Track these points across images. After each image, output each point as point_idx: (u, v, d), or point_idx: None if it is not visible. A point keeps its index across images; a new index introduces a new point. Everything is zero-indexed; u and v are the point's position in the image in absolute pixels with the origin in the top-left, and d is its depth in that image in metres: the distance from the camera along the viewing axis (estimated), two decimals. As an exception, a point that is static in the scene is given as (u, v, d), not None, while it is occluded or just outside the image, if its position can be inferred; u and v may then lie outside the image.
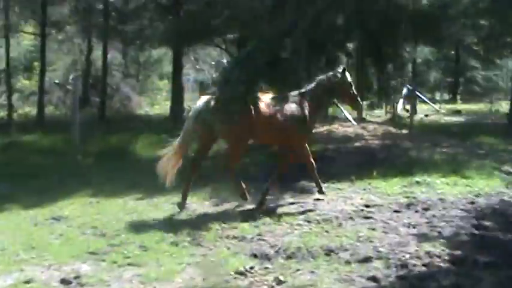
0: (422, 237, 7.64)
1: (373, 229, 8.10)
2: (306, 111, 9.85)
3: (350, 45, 20.91)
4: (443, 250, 7.05)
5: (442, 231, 7.97)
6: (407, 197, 10.17)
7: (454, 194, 10.43)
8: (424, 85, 40.28)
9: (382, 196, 10.30)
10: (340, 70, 10.23)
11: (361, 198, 10.15)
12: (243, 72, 9.46)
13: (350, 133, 17.98)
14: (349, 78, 10.23)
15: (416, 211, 9.22)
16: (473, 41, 30.93)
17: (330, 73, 10.30)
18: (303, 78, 11.41)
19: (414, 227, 8.22)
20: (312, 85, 10.16)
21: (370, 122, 22.06)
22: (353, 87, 10.36)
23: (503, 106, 29.84)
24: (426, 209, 9.30)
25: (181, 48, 23.91)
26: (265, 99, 9.58)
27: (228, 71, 10.97)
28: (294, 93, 10.06)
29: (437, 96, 41.85)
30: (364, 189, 10.91)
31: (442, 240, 7.52)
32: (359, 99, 10.68)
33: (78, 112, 15.15)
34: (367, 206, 9.52)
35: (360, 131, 18.24)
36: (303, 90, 10.10)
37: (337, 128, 18.76)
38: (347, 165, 12.96)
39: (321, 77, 10.29)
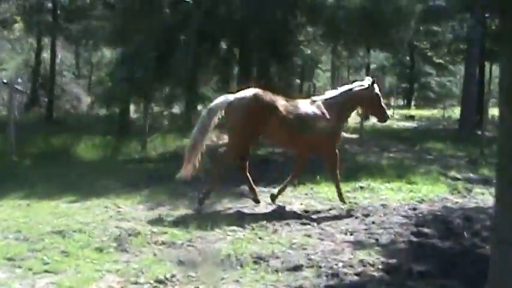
0: (358, 245, 7.38)
1: (309, 236, 7.81)
2: (327, 118, 9.66)
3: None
4: (377, 258, 6.79)
5: (379, 238, 7.71)
6: (349, 203, 9.91)
7: (397, 200, 10.24)
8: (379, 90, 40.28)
9: (323, 201, 10.05)
10: (370, 82, 10.01)
11: (301, 204, 9.89)
12: (129, 69, 9.12)
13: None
14: (376, 90, 10.05)
15: (356, 217, 8.98)
16: (426, 46, 31.10)
17: (357, 83, 10.17)
18: (193, 74, 11.06)
19: (351, 234, 7.96)
20: (337, 92, 10.01)
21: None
22: (381, 99, 10.20)
23: (456, 112, 30.00)
24: (366, 215, 9.07)
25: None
26: (284, 102, 9.53)
27: (114, 68, 10.65)
28: (317, 98, 10.00)
29: (392, 101, 42.00)
30: (306, 194, 10.66)
31: (378, 248, 7.27)
32: (387, 112, 10.46)
33: (14, 112, 14.66)
34: (306, 212, 9.26)
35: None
36: (326, 96, 10.00)
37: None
38: (290, 169, 12.68)
39: (348, 86, 10.17)
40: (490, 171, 13.20)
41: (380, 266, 6.53)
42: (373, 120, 26.36)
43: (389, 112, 10.53)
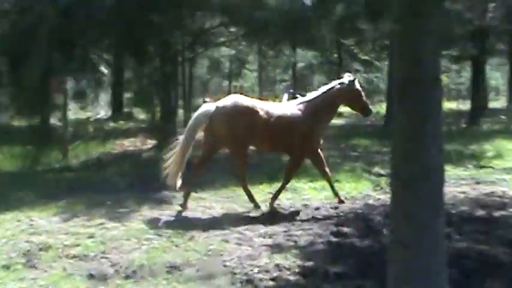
0: (276, 248, 7.22)
1: (227, 241, 7.62)
2: (310, 119, 9.71)
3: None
4: (294, 262, 6.64)
5: (298, 240, 7.58)
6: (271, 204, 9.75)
7: (319, 199, 10.14)
8: (307, 89, 40.47)
9: (245, 204, 9.85)
10: (351, 79, 10.04)
11: (222, 208, 9.70)
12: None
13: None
14: (357, 86, 10.08)
15: (277, 219, 8.83)
16: (352, 43, 31.34)
17: (338, 81, 10.19)
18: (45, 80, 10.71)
19: (270, 237, 7.80)
20: (319, 93, 10.05)
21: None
22: (363, 95, 10.20)
23: (384, 108, 30.29)
24: (288, 217, 8.94)
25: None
26: (265, 107, 9.58)
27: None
28: (298, 100, 10.07)
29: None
30: (228, 198, 10.47)
31: (295, 250, 7.12)
32: (370, 106, 10.48)
33: None
34: (226, 216, 9.10)
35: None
36: (309, 98, 10.02)
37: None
38: (215, 172, 12.49)
39: (328, 85, 10.21)
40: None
41: (296, 270, 6.40)
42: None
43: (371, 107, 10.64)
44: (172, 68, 18.23)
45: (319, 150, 10.00)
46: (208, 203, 10.02)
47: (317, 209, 9.49)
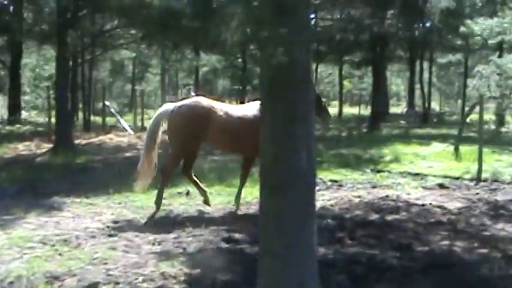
0: (164, 256, 7.00)
1: (114, 249, 7.33)
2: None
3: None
4: (181, 269, 6.45)
5: (187, 247, 7.39)
6: (164, 210, 9.54)
7: (214, 205, 9.97)
8: (212, 93, 40.39)
9: (137, 210, 9.62)
10: None
11: (112, 214, 9.40)
12: None
13: (124, 143, 17.31)
14: (316, 91, 9.94)
15: (168, 225, 8.60)
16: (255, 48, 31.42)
17: None
18: None
19: (159, 244, 7.58)
20: None
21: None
22: (322, 100, 10.43)
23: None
24: (180, 223, 8.73)
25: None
26: (223, 107, 9.62)
27: None
28: (256, 102, 9.85)
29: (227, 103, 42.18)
30: (120, 203, 10.18)
31: (184, 258, 6.93)
32: (328, 111, 10.74)
33: None
34: (115, 222, 8.77)
35: (135, 141, 17.63)
36: None
37: (111, 139, 18.03)
38: (110, 177, 12.18)
39: None
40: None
41: (182, 278, 6.21)
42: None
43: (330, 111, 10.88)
44: (69, 69, 17.72)
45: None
46: (99, 209, 9.70)
47: (209, 214, 9.36)
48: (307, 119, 3.93)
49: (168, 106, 9.71)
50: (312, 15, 31.65)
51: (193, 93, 26.43)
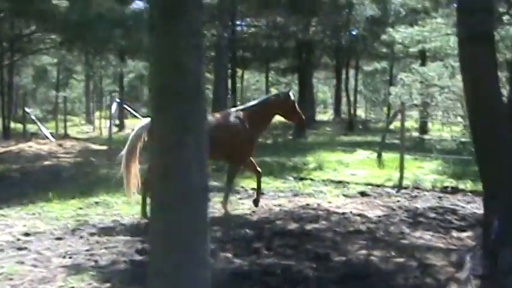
0: (74, 269, 6.75)
1: (22, 263, 7.02)
2: (249, 128, 10.23)
3: None
4: (90, 284, 6.24)
5: (99, 259, 7.17)
6: (78, 221, 9.27)
7: (131, 215, 9.75)
8: (138, 99, 39.99)
9: (51, 221, 9.30)
10: (285, 91, 11.09)
11: (24, 225, 9.03)
12: None
13: (44, 151, 16.91)
14: (292, 98, 10.85)
15: (81, 237, 8.34)
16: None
17: (274, 93, 11.84)
18: None
19: (70, 257, 7.31)
20: (254, 102, 10.83)
21: (74, 138, 21.17)
22: (297, 106, 10.89)
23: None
24: (94, 234, 8.47)
25: None
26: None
27: None
28: (235, 109, 10.72)
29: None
30: (34, 214, 9.82)
31: (94, 271, 6.70)
32: (303, 116, 11.06)
33: None
34: (26, 235, 8.41)
35: (55, 149, 17.25)
36: (243, 107, 10.80)
37: (31, 146, 17.57)
38: (26, 186, 11.82)
39: (265, 96, 11.33)
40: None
41: (91, 293, 6.01)
42: (128, 130, 26.19)
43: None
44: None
45: (248, 158, 10.49)
46: (10, 221, 9.34)
47: (124, 225, 9.14)
48: (200, 129, 3.79)
49: (149, 120, 9.46)
50: (238, 22, 31.64)
51: (117, 100, 25.99)
